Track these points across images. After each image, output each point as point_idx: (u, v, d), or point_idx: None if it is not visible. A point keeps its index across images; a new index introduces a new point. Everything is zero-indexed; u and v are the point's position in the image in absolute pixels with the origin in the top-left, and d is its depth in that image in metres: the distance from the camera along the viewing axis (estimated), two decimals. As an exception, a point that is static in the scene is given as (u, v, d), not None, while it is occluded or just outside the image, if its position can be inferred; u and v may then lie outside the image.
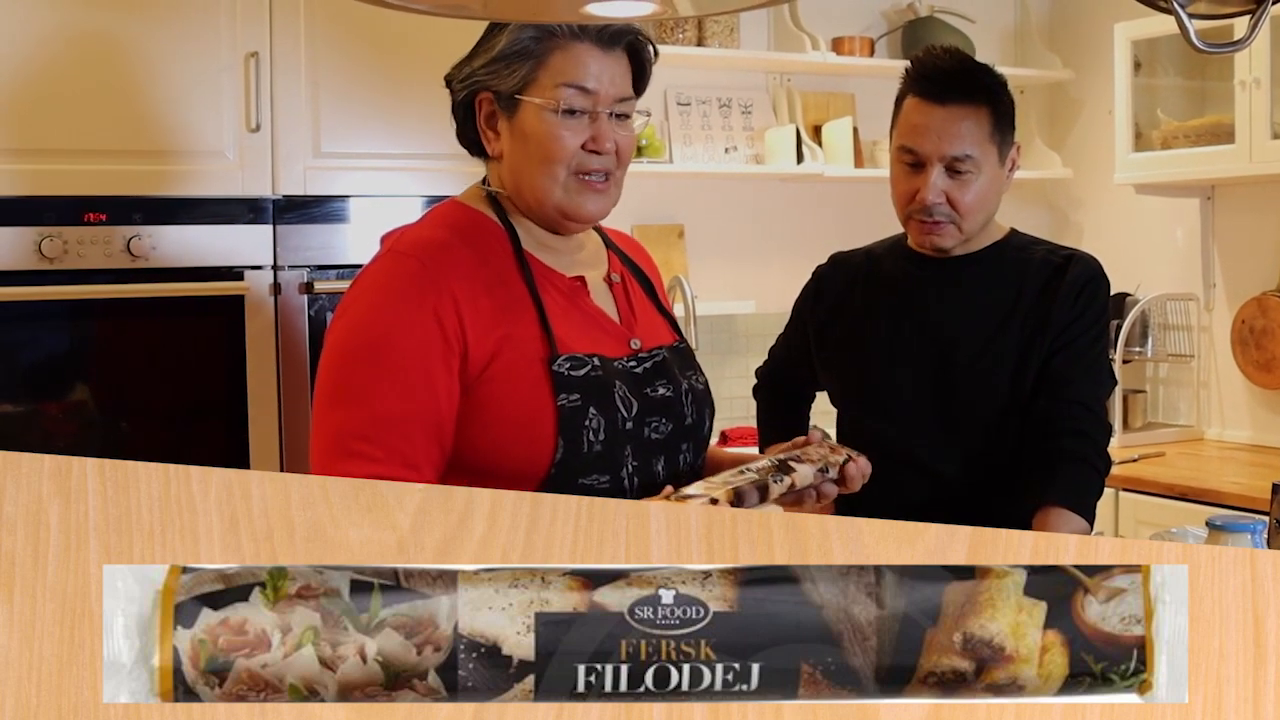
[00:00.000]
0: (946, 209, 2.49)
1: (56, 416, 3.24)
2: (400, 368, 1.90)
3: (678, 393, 2.12)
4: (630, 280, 2.22)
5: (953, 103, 2.47)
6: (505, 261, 2.03)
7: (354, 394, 1.91)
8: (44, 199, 3.18)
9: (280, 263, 3.42)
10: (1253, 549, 1.18)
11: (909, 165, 2.51)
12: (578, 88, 1.99)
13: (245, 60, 3.36)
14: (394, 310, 1.93)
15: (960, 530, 1.12)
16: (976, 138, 2.47)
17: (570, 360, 1.98)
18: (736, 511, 1.13)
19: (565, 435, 1.94)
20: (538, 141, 2.00)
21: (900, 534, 1.13)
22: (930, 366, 2.56)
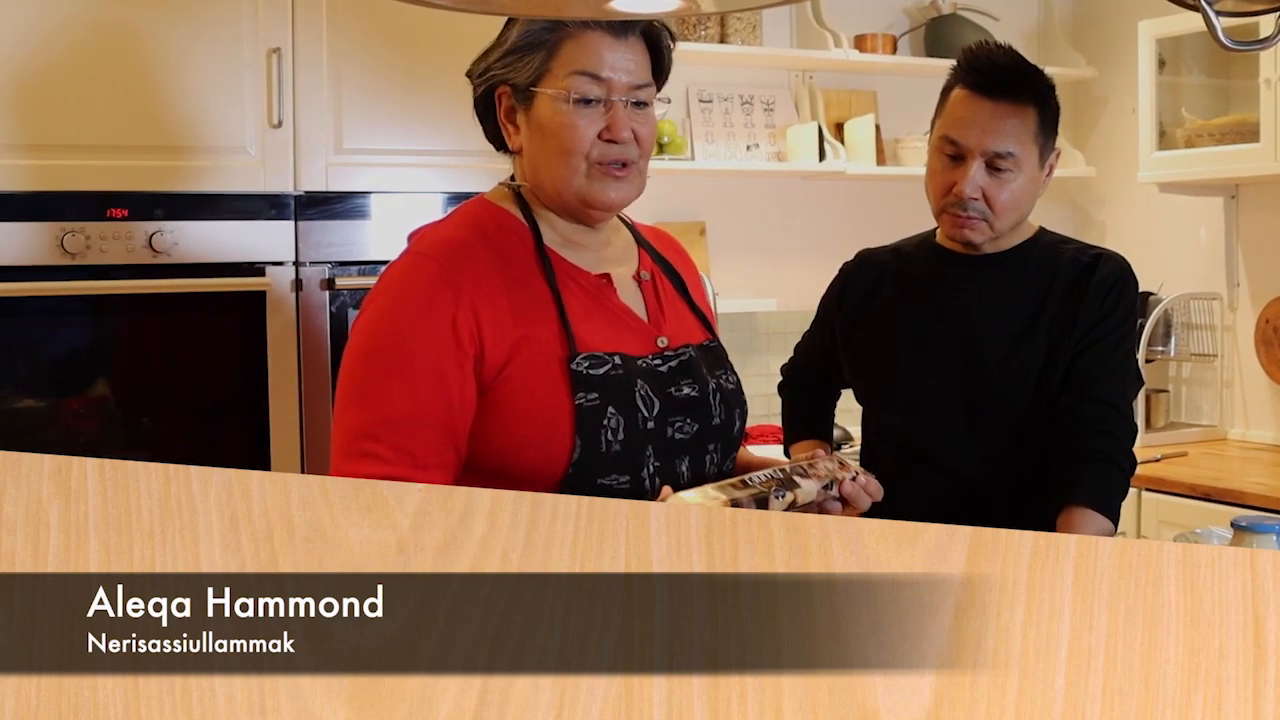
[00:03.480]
0: (981, 205, 2.47)
1: (78, 412, 3.25)
2: (411, 369, 1.90)
3: (704, 392, 2.08)
4: (661, 277, 2.19)
5: (1001, 99, 2.45)
6: (527, 260, 2.01)
7: (366, 394, 1.91)
8: (66, 194, 3.20)
9: (302, 259, 3.43)
10: (1253, 549, 1.18)
11: (949, 157, 2.49)
12: (590, 75, 1.96)
13: (267, 56, 3.37)
14: (409, 312, 1.93)
15: (960, 530, 1.13)
16: (1021, 137, 2.45)
17: (589, 359, 1.96)
18: (737, 512, 1.13)
19: (583, 435, 1.92)
20: (554, 132, 1.98)
21: (900, 534, 1.13)
22: (957, 365, 2.54)
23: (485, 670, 1.11)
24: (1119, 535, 2.91)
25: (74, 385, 3.25)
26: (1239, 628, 1.11)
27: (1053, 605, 1.11)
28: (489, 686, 1.11)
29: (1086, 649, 1.10)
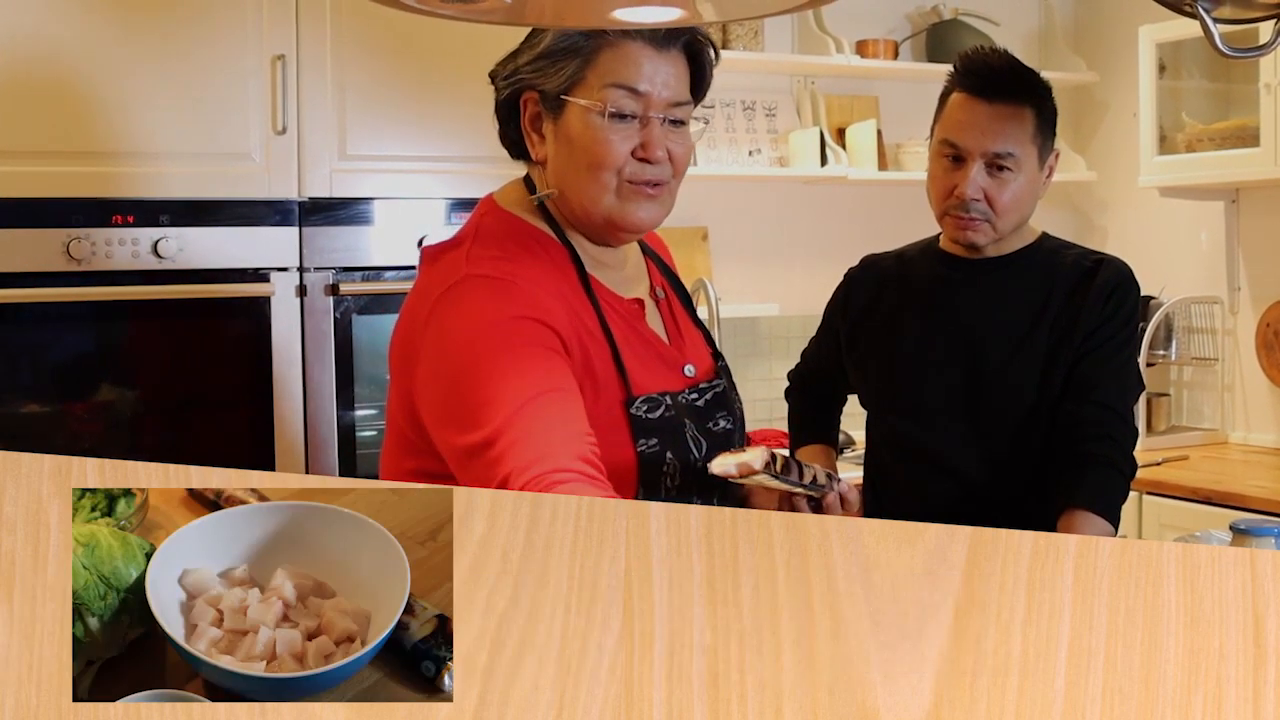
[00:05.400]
0: (984, 206, 2.49)
1: (83, 417, 3.26)
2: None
3: (734, 423, 2.02)
4: (670, 293, 2.10)
5: (999, 100, 2.48)
6: (574, 286, 1.89)
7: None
8: (72, 201, 3.21)
9: (306, 265, 3.44)
10: (1253, 549, 1.18)
11: (950, 160, 2.51)
12: (627, 89, 1.84)
13: (272, 63, 3.38)
14: (506, 315, 1.78)
15: (960, 530, 1.12)
16: (1020, 137, 2.48)
17: (646, 402, 1.86)
18: (737, 511, 1.13)
19: (645, 483, 1.83)
20: (584, 147, 1.85)
21: (900, 534, 1.13)
22: (959, 369, 2.56)
23: (485, 670, 1.12)
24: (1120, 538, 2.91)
25: (79, 390, 3.26)
26: (1239, 628, 1.11)
27: (1053, 605, 1.10)
28: (489, 686, 1.12)
29: (1086, 649, 1.10)
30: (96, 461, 1.10)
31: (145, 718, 1.09)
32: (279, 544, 1.15)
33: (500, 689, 1.11)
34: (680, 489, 1.87)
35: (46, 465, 1.09)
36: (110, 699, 1.10)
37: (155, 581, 1.12)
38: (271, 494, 1.14)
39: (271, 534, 1.14)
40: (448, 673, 1.12)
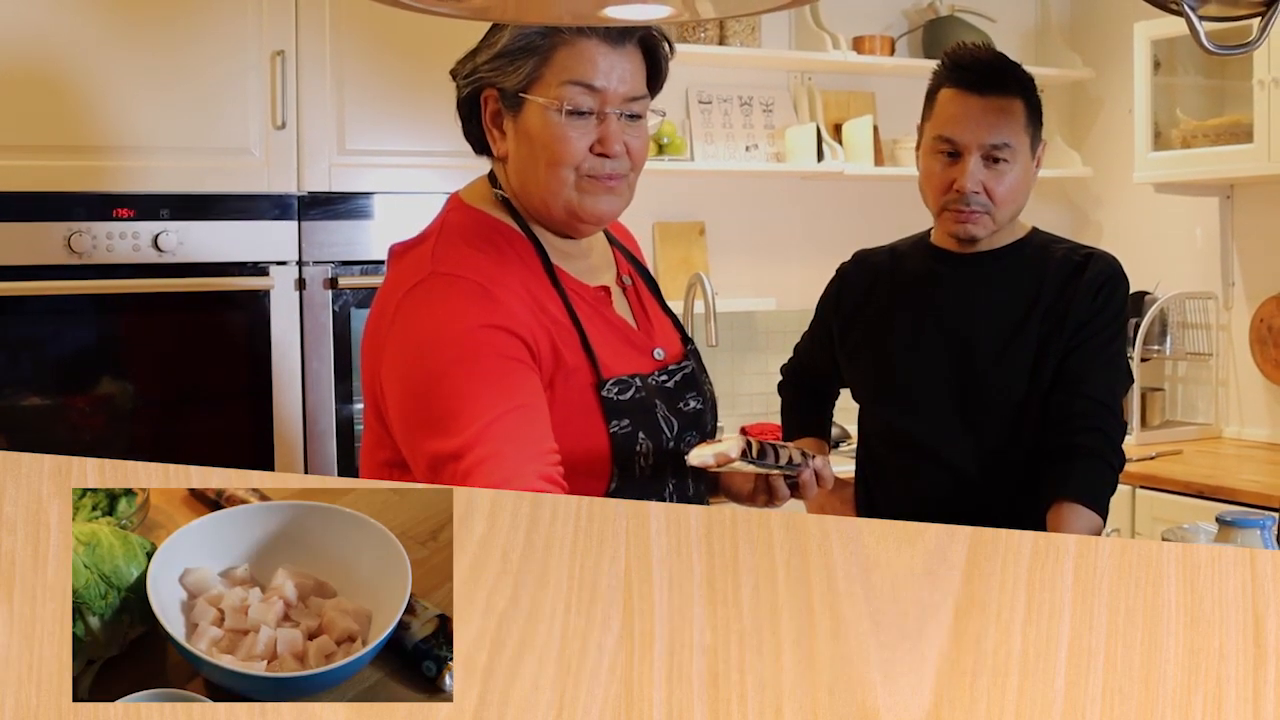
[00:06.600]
0: (983, 198, 2.50)
1: (84, 410, 3.27)
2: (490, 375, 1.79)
3: (704, 404, 2.06)
4: (637, 279, 2.14)
5: (990, 93, 2.49)
6: (540, 277, 1.93)
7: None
8: (73, 195, 3.22)
9: (305, 258, 3.45)
10: (1253, 549, 1.18)
11: (946, 155, 2.52)
12: (584, 86, 1.88)
13: (271, 58, 3.38)
14: (469, 324, 1.81)
15: (960, 530, 1.12)
16: (1013, 128, 2.50)
17: (617, 384, 1.90)
18: (737, 511, 1.13)
19: (619, 464, 1.87)
20: (543, 143, 1.89)
21: (900, 534, 1.13)
22: (950, 362, 2.57)
23: (485, 670, 1.12)
24: (1111, 531, 2.93)
25: (79, 383, 3.27)
26: (1239, 628, 1.11)
27: (1053, 605, 1.10)
28: (489, 686, 1.12)
29: (1086, 649, 1.10)
30: (96, 461, 1.09)
31: (146, 717, 1.09)
32: (280, 543, 1.15)
33: (500, 689, 1.11)
34: (655, 469, 1.92)
35: (46, 465, 1.09)
36: (111, 698, 1.10)
37: (156, 581, 1.12)
38: (273, 493, 1.14)
39: (273, 533, 1.14)
40: (448, 673, 1.12)
